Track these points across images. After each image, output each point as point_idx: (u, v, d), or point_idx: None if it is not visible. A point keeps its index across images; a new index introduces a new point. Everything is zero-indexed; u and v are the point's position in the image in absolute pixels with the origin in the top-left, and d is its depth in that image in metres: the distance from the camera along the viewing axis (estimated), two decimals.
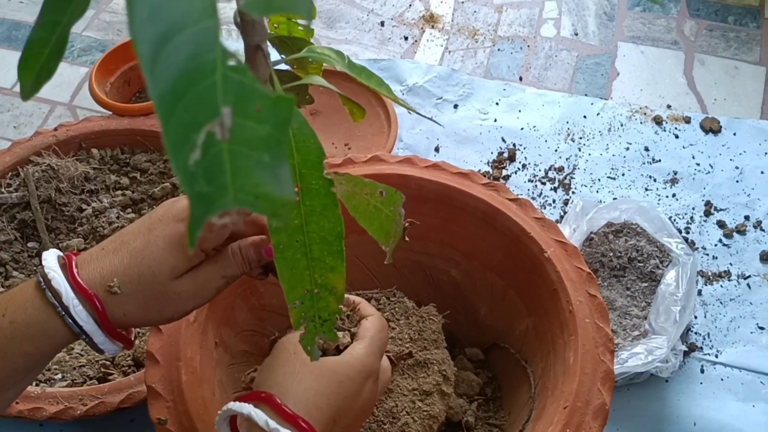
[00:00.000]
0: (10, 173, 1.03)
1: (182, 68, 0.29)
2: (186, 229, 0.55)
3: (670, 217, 1.12)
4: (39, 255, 1.02)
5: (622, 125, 1.27)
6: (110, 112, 1.13)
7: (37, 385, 0.85)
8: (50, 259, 0.55)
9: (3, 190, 1.02)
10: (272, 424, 0.52)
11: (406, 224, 0.61)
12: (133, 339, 0.59)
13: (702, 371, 0.97)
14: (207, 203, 0.29)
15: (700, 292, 1.05)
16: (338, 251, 0.54)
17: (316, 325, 0.58)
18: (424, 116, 0.63)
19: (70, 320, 0.53)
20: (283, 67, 0.57)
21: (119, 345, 0.57)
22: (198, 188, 0.29)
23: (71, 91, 1.36)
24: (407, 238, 0.62)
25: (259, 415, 0.53)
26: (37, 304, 0.53)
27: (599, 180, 1.19)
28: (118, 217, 1.04)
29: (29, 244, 1.02)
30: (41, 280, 0.54)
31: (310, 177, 0.51)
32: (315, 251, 0.54)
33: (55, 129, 1.08)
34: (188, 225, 0.29)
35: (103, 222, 1.03)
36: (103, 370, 0.89)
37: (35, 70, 0.40)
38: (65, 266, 0.54)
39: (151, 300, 0.55)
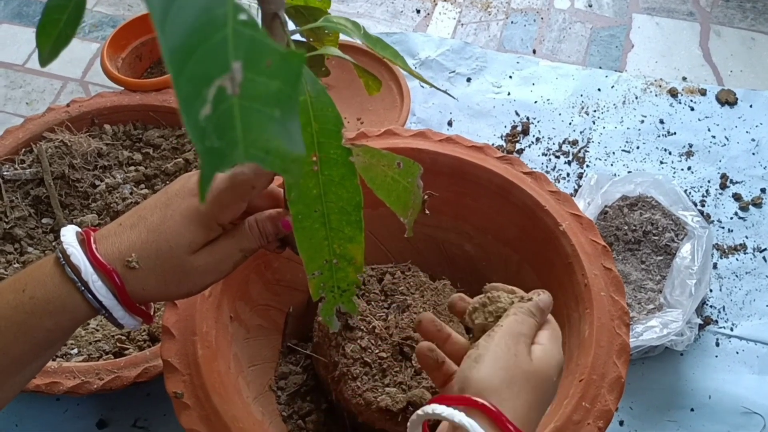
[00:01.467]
0: (23, 150, 1.04)
1: (193, 22, 0.29)
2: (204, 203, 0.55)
3: (685, 190, 1.12)
4: (53, 231, 1.02)
5: (636, 98, 1.25)
6: (122, 88, 1.13)
7: (54, 359, 0.86)
8: (69, 235, 0.55)
9: (17, 166, 1.02)
10: None
11: (425, 196, 0.61)
12: (152, 313, 0.59)
13: (717, 344, 0.97)
14: (218, 158, 0.29)
15: (715, 266, 1.04)
16: (357, 221, 0.54)
17: (335, 296, 0.58)
18: (438, 89, 0.62)
19: (90, 295, 0.53)
20: (298, 38, 0.57)
21: (139, 319, 0.57)
22: (209, 143, 0.29)
23: (83, 67, 1.36)
24: (427, 211, 0.62)
25: (474, 427, 0.48)
26: (56, 279, 0.54)
27: (614, 153, 1.18)
28: (131, 193, 1.04)
29: (43, 221, 1.02)
30: (60, 255, 0.54)
31: (329, 146, 0.51)
32: (333, 221, 0.54)
33: (68, 105, 1.08)
34: (199, 179, 0.29)
35: (116, 198, 1.03)
36: (119, 344, 0.89)
37: (53, 36, 0.40)
38: (84, 242, 0.55)
39: (170, 274, 0.55)
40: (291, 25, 0.54)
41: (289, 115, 0.31)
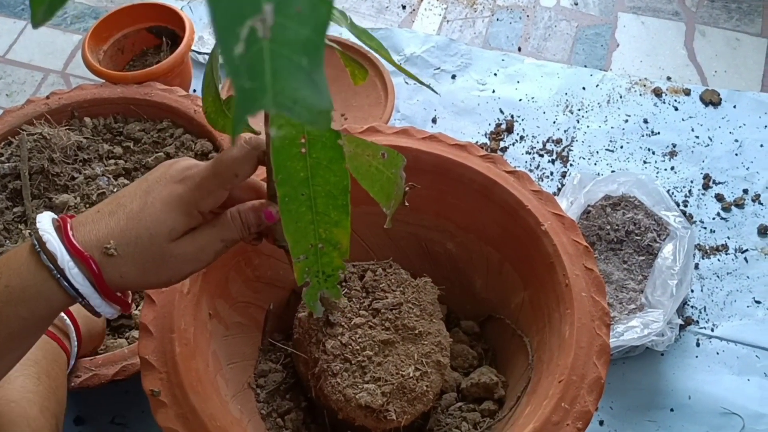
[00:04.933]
0: (2, 143, 1.02)
1: None
2: (184, 190, 0.55)
3: (668, 190, 1.12)
4: (24, 221, 1.00)
5: (621, 97, 1.25)
6: (103, 81, 1.12)
7: None
8: (44, 221, 0.54)
9: None
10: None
11: (407, 188, 0.61)
12: (130, 302, 0.58)
13: (698, 345, 0.97)
14: (249, 100, 0.30)
15: (697, 266, 1.05)
16: (343, 206, 0.54)
17: (320, 280, 0.58)
18: (422, 83, 0.62)
19: (66, 283, 0.52)
20: None
21: (116, 307, 0.56)
22: (241, 83, 0.30)
23: (64, 58, 1.35)
24: (407, 203, 0.62)
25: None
26: (32, 267, 0.53)
27: (597, 152, 1.18)
28: (108, 184, 1.03)
29: (15, 210, 1.00)
30: (36, 242, 0.53)
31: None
32: (320, 205, 0.53)
33: (48, 97, 1.07)
34: (232, 119, 0.29)
35: (92, 189, 1.01)
36: None
37: None
38: (60, 229, 0.54)
39: (149, 262, 0.54)
40: None
41: (316, 65, 0.31)
